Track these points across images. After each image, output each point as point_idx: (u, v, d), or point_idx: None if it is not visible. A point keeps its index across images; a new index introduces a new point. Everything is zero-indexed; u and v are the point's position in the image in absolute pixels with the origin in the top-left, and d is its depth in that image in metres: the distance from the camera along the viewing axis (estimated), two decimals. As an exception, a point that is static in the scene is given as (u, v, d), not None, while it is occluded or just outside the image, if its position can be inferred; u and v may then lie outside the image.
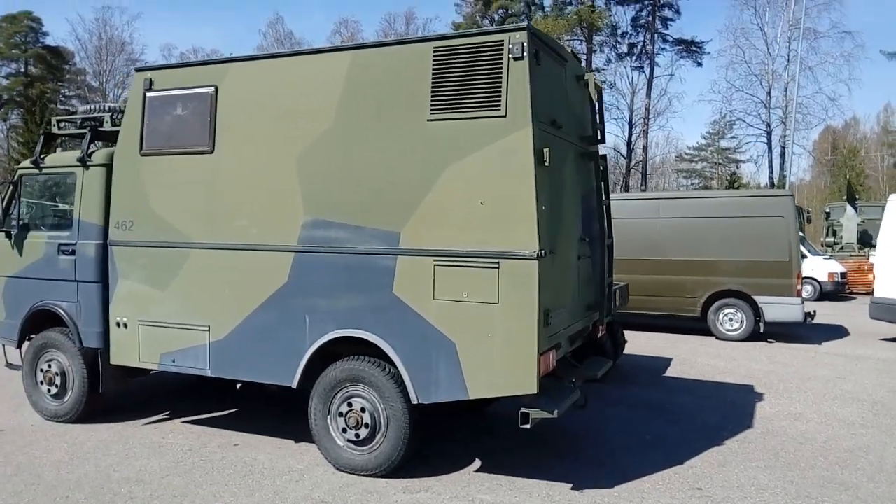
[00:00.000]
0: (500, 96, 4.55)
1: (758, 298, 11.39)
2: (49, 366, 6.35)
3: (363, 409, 5.04)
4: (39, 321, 6.48)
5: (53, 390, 6.33)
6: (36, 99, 36.39)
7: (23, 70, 47.18)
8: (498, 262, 4.53)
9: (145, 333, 5.84)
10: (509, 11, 40.44)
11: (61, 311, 6.23)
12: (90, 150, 6.19)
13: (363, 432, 5.03)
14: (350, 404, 5.09)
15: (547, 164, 4.57)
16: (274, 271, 5.30)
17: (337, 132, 5.07)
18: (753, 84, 39.78)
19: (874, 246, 15.21)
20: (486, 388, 4.65)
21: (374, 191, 4.95)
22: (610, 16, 40.28)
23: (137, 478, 5.04)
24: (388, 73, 4.94)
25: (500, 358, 4.55)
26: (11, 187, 6.56)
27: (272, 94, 5.35)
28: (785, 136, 36.74)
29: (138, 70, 5.94)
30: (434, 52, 4.77)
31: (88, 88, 48.34)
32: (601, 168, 6.03)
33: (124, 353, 5.97)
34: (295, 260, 5.22)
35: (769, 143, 39.84)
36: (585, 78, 5.85)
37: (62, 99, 46.58)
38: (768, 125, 39.78)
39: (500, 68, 4.56)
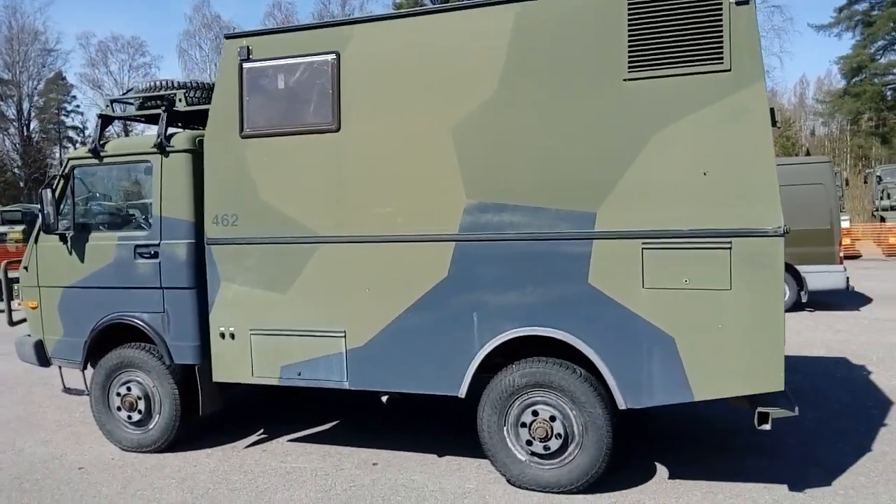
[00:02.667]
0: (721, 47, 3.93)
1: (800, 268, 11.21)
2: (128, 389, 5.41)
3: (552, 418, 4.38)
4: (108, 337, 5.52)
5: (135, 417, 5.39)
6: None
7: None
8: (730, 242, 3.93)
9: (260, 344, 4.99)
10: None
11: (142, 325, 5.30)
12: (168, 134, 5.23)
13: (554, 444, 4.38)
14: (535, 413, 4.42)
15: (777, 125, 3.98)
16: (429, 265, 4.55)
17: (502, 99, 4.34)
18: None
19: None
20: (715, 387, 4.06)
21: (557, 166, 4.25)
22: None
23: (291, 516, 4.27)
24: (567, 26, 4.23)
25: (735, 352, 3.98)
26: (62, 181, 5.52)
27: (413, 60, 4.55)
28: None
29: (229, 37, 5.01)
30: (630, -1, 4.10)
31: (0, 81, 45.20)
32: None
33: (231, 367, 5.10)
34: (457, 250, 4.48)
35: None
36: None
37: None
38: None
39: (720, 14, 3.93)
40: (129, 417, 5.41)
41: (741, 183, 3.91)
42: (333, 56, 4.70)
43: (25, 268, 5.71)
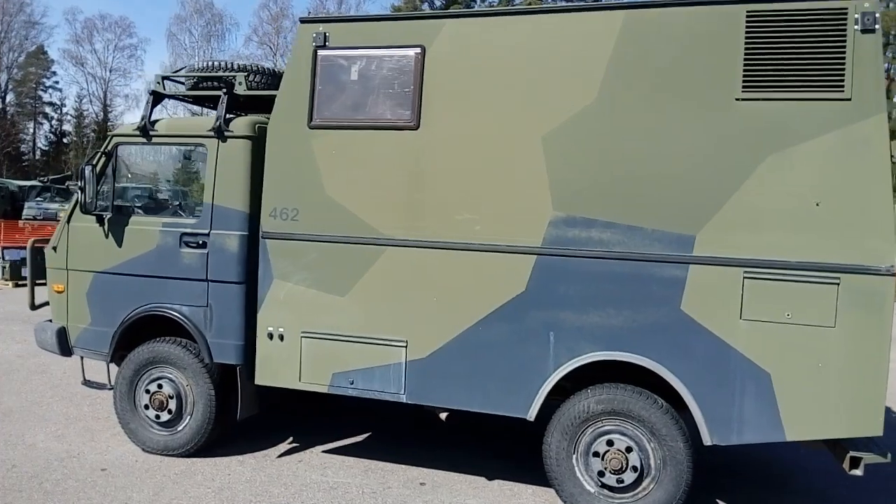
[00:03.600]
0: (842, 75, 3.77)
1: None
2: (159, 386, 5.04)
3: (629, 450, 4.15)
4: (139, 330, 5.16)
5: (164, 416, 5.02)
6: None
7: None
8: (839, 277, 3.76)
9: (311, 348, 4.68)
10: None
11: (181, 318, 4.95)
12: (227, 118, 4.92)
13: (628, 477, 4.14)
14: (610, 442, 4.19)
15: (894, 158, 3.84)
16: (506, 277, 4.30)
17: (602, 109, 4.13)
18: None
19: None
20: (809, 427, 3.87)
21: (656, 184, 4.05)
22: None
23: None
24: (678, 38, 4.04)
25: (833, 393, 3.79)
26: (104, 158, 5.16)
27: (505, 61, 4.32)
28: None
29: (305, 21, 4.73)
30: (748, 15, 3.92)
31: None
32: None
33: (277, 371, 4.78)
34: (538, 264, 4.24)
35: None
36: None
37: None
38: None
39: (843, 41, 3.77)
40: (158, 417, 5.04)
41: (855, 217, 3.74)
42: (418, 50, 4.45)
43: (54, 248, 5.32)
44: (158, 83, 5.30)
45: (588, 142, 4.16)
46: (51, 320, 5.45)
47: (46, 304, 5.52)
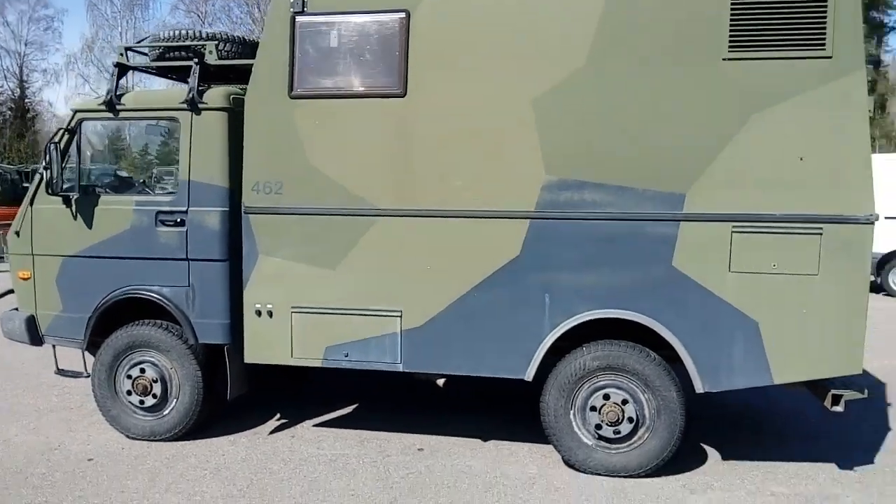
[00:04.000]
0: (823, 33, 3.91)
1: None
2: (141, 371, 4.88)
3: (625, 402, 4.30)
4: (113, 314, 4.96)
5: (149, 401, 4.88)
6: None
7: None
8: (821, 228, 3.95)
9: (302, 323, 4.61)
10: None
11: (161, 300, 4.79)
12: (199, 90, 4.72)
13: (625, 428, 4.30)
14: (607, 396, 4.32)
15: (871, 112, 4.03)
16: (500, 242, 4.34)
17: (592, 71, 4.16)
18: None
19: None
20: (795, 370, 4.10)
21: (646, 145, 4.13)
22: None
23: (358, 507, 3.99)
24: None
25: (817, 337, 4.02)
26: (67, 136, 4.88)
27: (493, 23, 4.29)
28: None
29: (280, -15, 4.56)
30: (733, -24, 4.01)
31: None
32: None
33: (267, 348, 4.70)
34: (531, 228, 4.29)
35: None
36: None
37: None
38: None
39: (825, 2, 3.91)
40: (142, 402, 4.89)
41: (836, 170, 3.93)
42: (403, 15, 4.36)
43: (17, 233, 5.02)
44: (121, 55, 5.03)
45: (578, 104, 4.19)
46: (17, 308, 5.18)
47: (11, 292, 5.23)
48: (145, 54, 5.18)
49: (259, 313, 4.66)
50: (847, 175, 3.92)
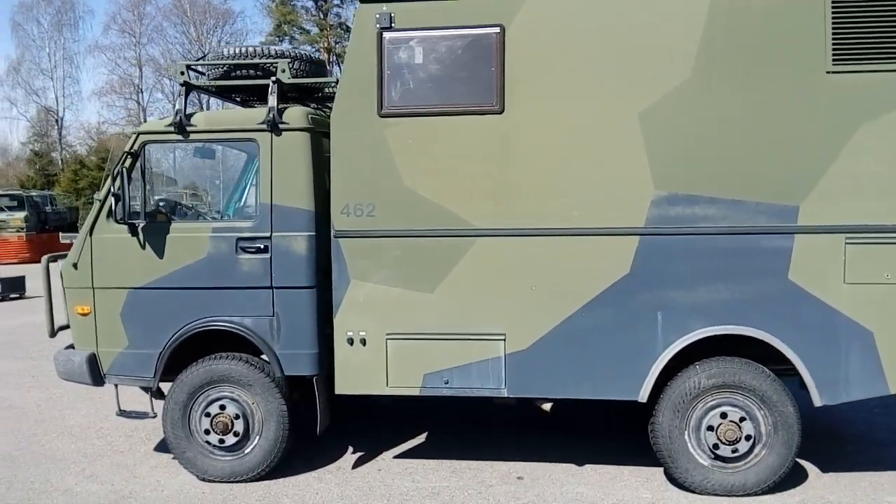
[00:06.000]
0: (928, 45, 3.96)
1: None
2: (221, 408, 4.58)
3: (742, 420, 4.22)
4: (182, 351, 4.65)
5: (230, 440, 4.57)
6: None
7: None
8: (935, 236, 3.99)
9: (398, 350, 4.41)
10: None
11: (243, 330, 4.51)
12: (279, 110, 4.49)
13: (743, 446, 4.22)
14: (724, 415, 4.24)
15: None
16: (608, 260, 4.24)
17: (699, 84, 4.12)
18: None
19: None
20: (912, 379, 4.11)
21: (756, 157, 4.11)
22: None
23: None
24: (768, 12, 4.09)
25: (933, 345, 4.04)
26: (130, 160, 4.58)
27: (594, 37, 4.21)
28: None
29: (365, 1, 4.38)
30: (834, -7, 4.03)
31: None
32: None
33: (361, 377, 4.47)
34: (641, 245, 4.20)
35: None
36: None
37: None
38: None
39: (928, 13, 3.97)
40: (222, 441, 4.57)
41: (949, 179, 3.98)
42: (497, 29, 4.25)
43: (74, 265, 4.67)
44: (183, 73, 4.75)
45: (686, 117, 4.14)
46: (72, 346, 4.81)
47: (66, 327, 4.85)
48: (202, 73, 4.92)
49: (351, 341, 4.44)
50: (961, 184, 3.97)
